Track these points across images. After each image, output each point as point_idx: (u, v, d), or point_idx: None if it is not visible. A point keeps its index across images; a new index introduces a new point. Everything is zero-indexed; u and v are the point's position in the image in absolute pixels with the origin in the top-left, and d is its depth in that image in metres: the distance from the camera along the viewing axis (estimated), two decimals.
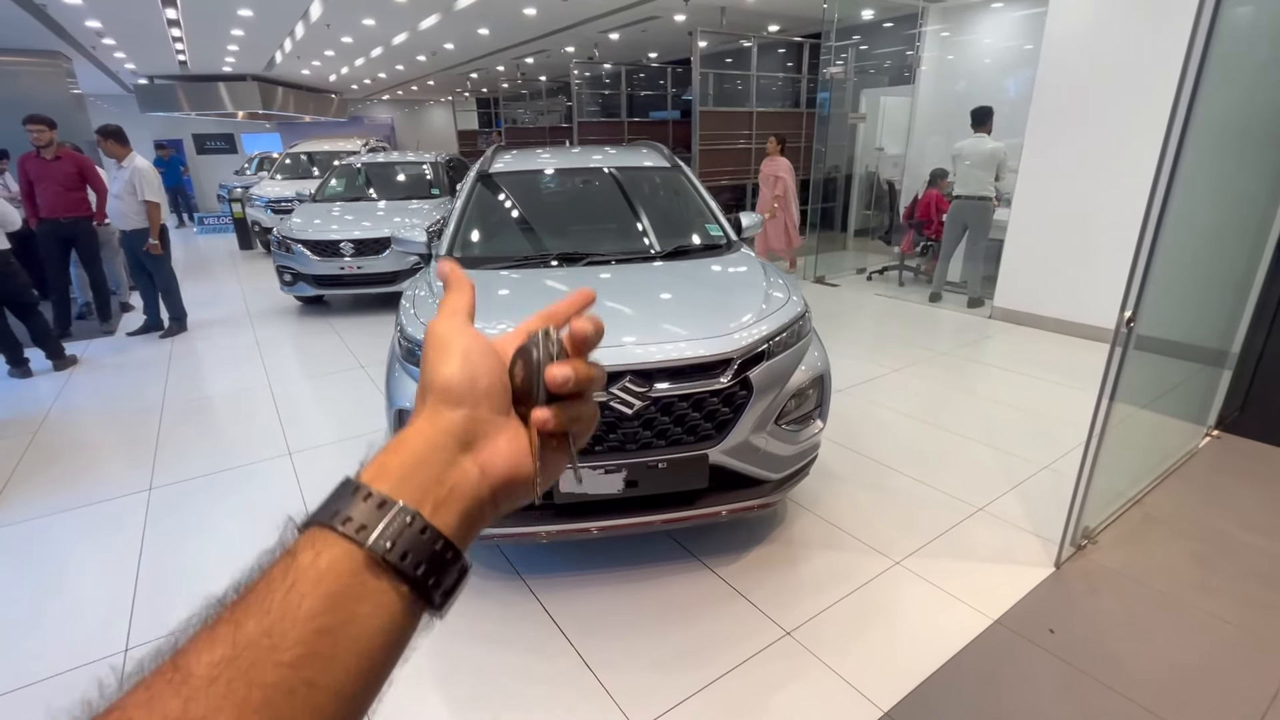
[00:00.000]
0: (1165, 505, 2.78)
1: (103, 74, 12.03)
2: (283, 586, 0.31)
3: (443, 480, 0.37)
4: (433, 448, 0.37)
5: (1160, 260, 2.08)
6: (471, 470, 0.38)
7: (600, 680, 1.94)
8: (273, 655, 0.29)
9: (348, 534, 0.33)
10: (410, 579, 0.33)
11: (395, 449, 0.37)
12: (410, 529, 0.34)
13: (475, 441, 0.39)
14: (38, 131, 5.10)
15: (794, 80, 9.26)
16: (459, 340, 0.41)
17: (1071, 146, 4.89)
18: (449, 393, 0.39)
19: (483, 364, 0.40)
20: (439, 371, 0.40)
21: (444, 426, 0.38)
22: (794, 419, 2.35)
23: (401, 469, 0.36)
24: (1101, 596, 2.25)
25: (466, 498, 0.37)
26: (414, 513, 0.34)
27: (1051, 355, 4.67)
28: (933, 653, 2.01)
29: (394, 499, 0.34)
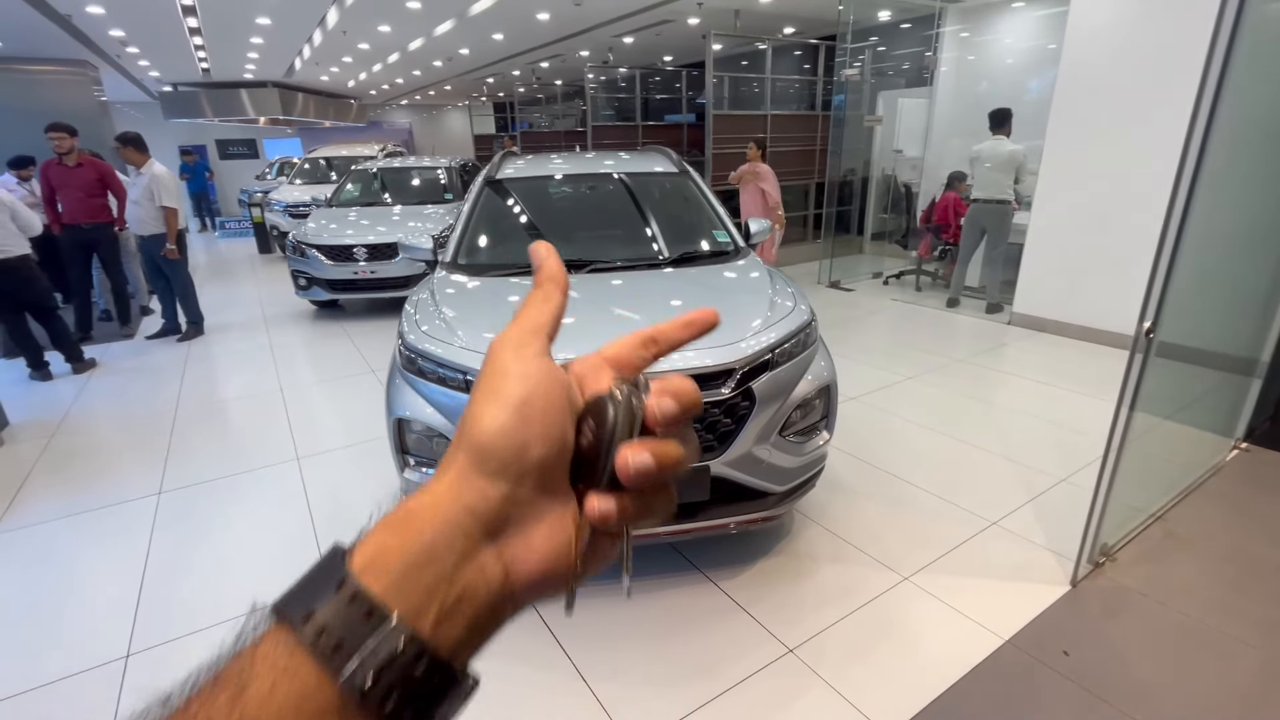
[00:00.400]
0: (1189, 522, 2.67)
1: (128, 82, 12.30)
2: (236, 701, 0.25)
3: (454, 580, 0.28)
4: (449, 532, 0.28)
5: (1183, 266, 2.00)
6: (493, 568, 0.29)
7: (595, 694, 1.90)
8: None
9: (320, 654, 0.25)
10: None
11: (400, 527, 0.28)
12: (401, 659, 0.26)
13: (506, 528, 0.30)
14: (59, 139, 5.20)
15: (809, 83, 9.17)
16: (523, 377, 0.30)
17: (1093, 148, 4.77)
18: (487, 455, 0.29)
19: (544, 421, 0.30)
20: (485, 418, 0.30)
21: (470, 503, 0.29)
22: (799, 430, 2.30)
23: (404, 561, 0.27)
24: (1120, 618, 2.16)
25: (480, 604, 0.29)
26: (409, 633, 0.26)
27: (1072, 363, 4.55)
28: (940, 674, 1.94)
29: (386, 608, 0.26)
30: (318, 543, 2.66)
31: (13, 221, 4.54)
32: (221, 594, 2.37)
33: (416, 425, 2.16)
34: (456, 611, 0.28)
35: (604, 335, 1.18)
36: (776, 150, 8.15)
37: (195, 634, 2.17)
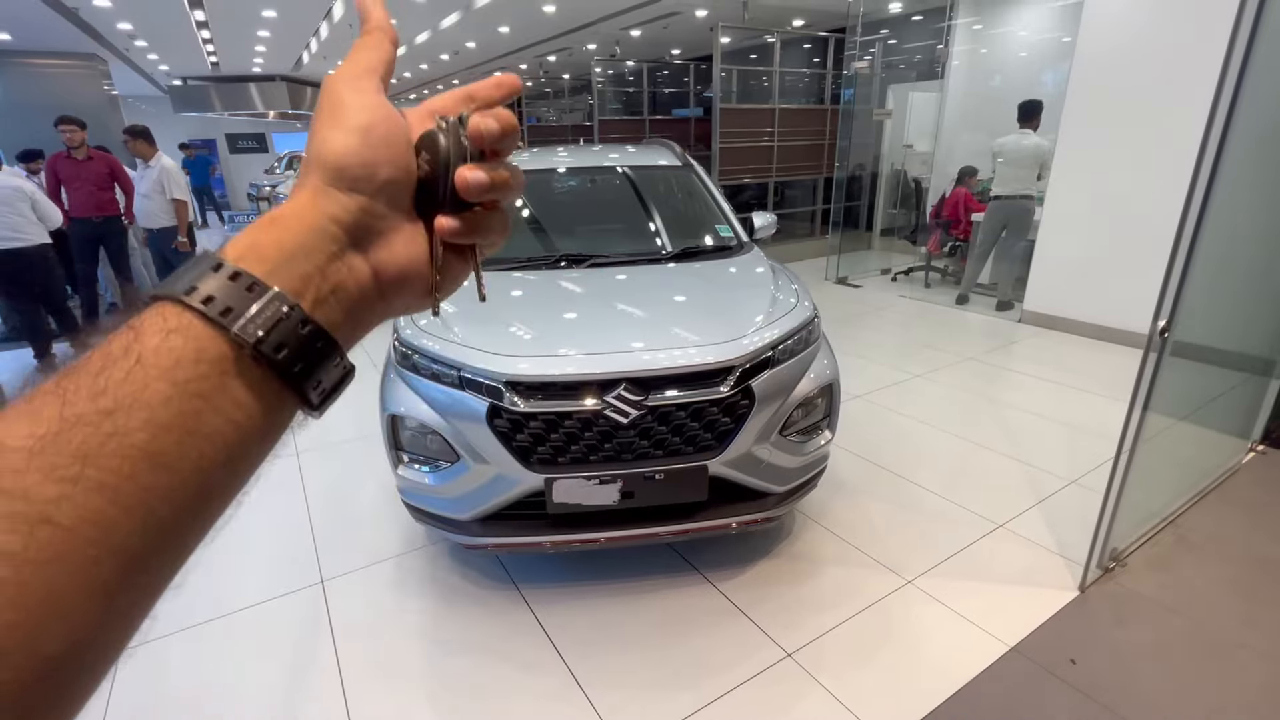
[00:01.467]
0: (1203, 526, 2.60)
1: (138, 75, 12.35)
2: (124, 364, 0.26)
3: (326, 274, 0.32)
4: (317, 235, 0.32)
5: (1200, 263, 1.93)
6: (361, 269, 0.33)
7: (590, 700, 1.87)
8: (113, 438, 0.25)
9: (210, 315, 0.28)
10: (286, 374, 0.29)
11: (268, 226, 0.32)
12: (287, 321, 0.29)
13: (368, 238, 0.34)
14: (70, 132, 5.22)
15: (819, 76, 9.06)
16: (363, 108, 0.34)
17: (1108, 142, 4.66)
18: (342, 173, 0.33)
19: (388, 145, 0.34)
20: (332, 142, 0.33)
21: (332, 212, 0.33)
22: (800, 429, 2.25)
23: (279, 252, 0.31)
24: (1129, 625, 2.10)
25: (353, 297, 0.33)
26: (293, 303, 0.30)
27: (1084, 361, 4.46)
28: (943, 680, 1.89)
29: (268, 284, 0.29)
30: (313, 535, 2.64)
31: (33, 211, 4.61)
32: (215, 586, 2.35)
33: (410, 422, 2.13)
34: (331, 299, 0.32)
35: (606, 330, 1.19)
36: (785, 144, 8.07)
37: (188, 630, 2.15)
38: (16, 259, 4.57)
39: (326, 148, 0.33)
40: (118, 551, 0.25)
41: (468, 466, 2.05)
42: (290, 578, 2.40)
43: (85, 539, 0.24)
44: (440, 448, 2.09)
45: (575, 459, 2.02)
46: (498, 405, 1.97)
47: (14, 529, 0.22)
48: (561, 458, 2.02)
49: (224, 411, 0.28)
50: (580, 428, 1.99)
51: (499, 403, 1.97)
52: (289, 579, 2.39)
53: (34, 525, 0.23)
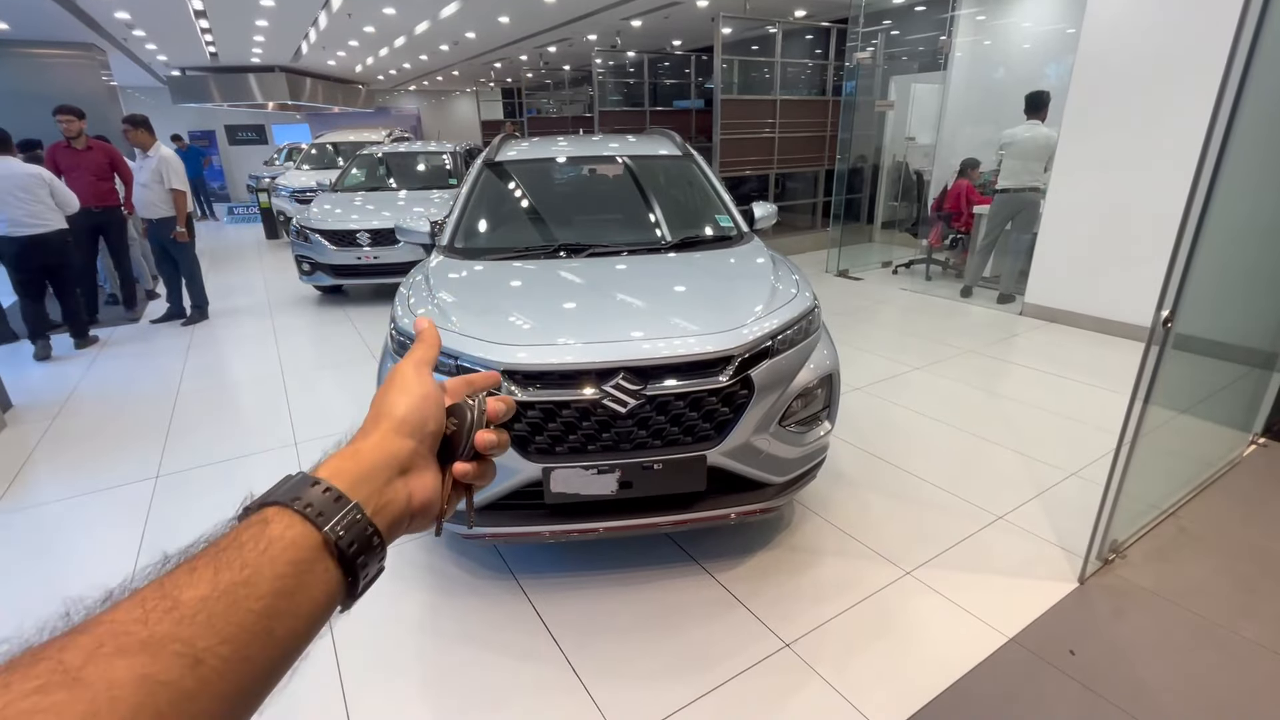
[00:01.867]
0: (1203, 519, 2.59)
1: (137, 66, 12.28)
2: (256, 548, 0.36)
3: (384, 493, 0.44)
4: (383, 465, 0.45)
5: (1204, 255, 1.92)
6: (403, 492, 0.46)
7: (588, 690, 1.87)
8: (245, 602, 0.34)
9: (309, 516, 0.39)
10: (348, 564, 0.40)
11: (352, 457, 0.45)
12: (359, 524, 0.41)
13: (411, 471, 0.47)
14: (67, 122, 5.21)
15: (821, 67, 9.00)
16: (421, 386, 0.50)
17: (1112, 133, 4.63)
18: (404, 425, 0.48)
19: (434, 411, 0.50)
20: (400, 405, 0.48)
21: (395, 451, 0.46)
22: (800, 420, 2.23)
23: (356, 475, 0.43)
24: (1129, 617, 2.10)
25: (397, 512, 0.45)
26: (363, 511, 0.42)
27: (1085, 354, 4.45)
28: (941, 671, 1.89)
29: (348, 496, 0.41)
30: None
31: (51, 198, 4.67)
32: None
33: None
34: (385, 510, 0.44)
35: (604, 319, 1.33)
36: (786, 136, 8.03)
37: None
38: (36, 246, 4.65)
39: (397, 407, 0.48)
40: (235, 692, 0.33)
41: None
42: None
43: (221, 677, 0.32)
44: None
45: (573, 448, 2.01)
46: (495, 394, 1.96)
47: (177, 664, 0.31)
48: (559, 447, 2.01)
49: (310, 590, 0.37)
50: (578, 417, 1.98)
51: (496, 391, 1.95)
52: None
53: (192, 664, 0.31)
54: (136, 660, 0.29)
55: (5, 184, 4.50)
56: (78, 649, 0.29)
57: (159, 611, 0.32)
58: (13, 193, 4.52)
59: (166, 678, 0.30)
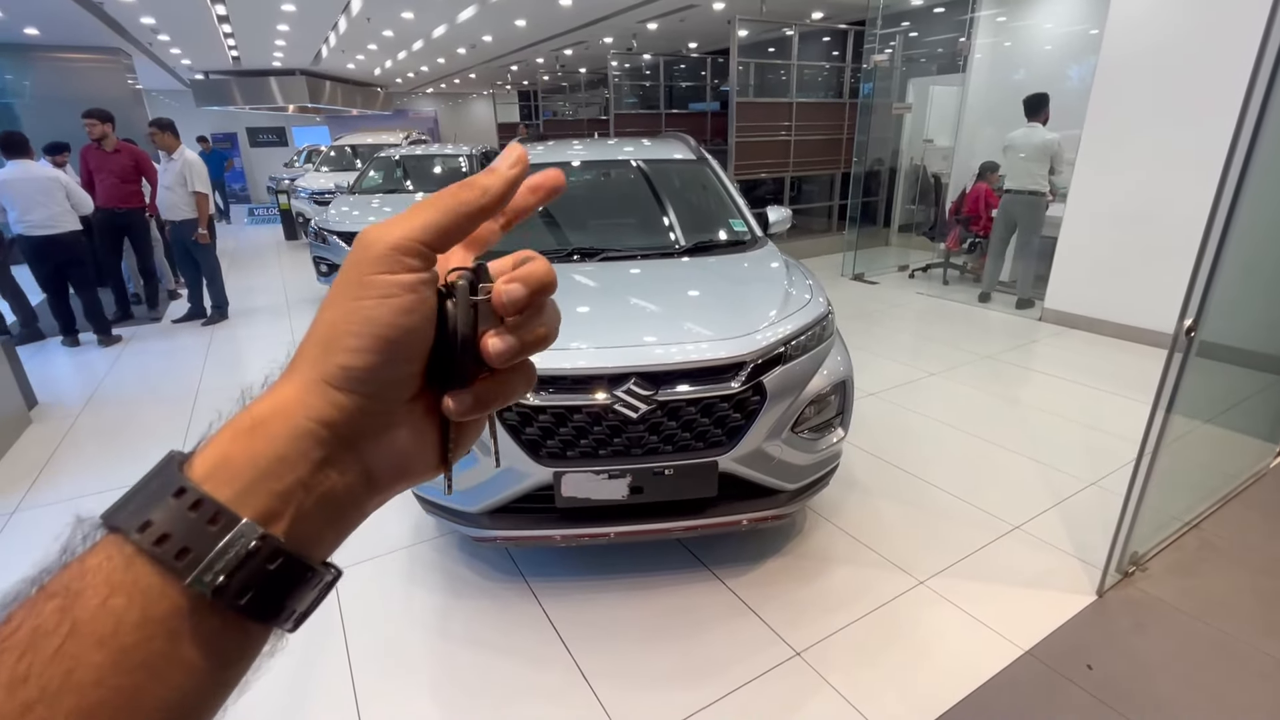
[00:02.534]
0: (1227, 532, 2.53)
1: (161, 69, 12.51)
2: (53, 639, 0.23)
3: (311, 486, 0.27)
4: (302, 442, 0.27)
5: (1229, 261, 1.87)
6: (353, 472, 0.29)
7: (596, 695, 1.86)
8: (66, 695, 0.22)
9: (162, 559, 0.24)
10: (252, 616, 0.26)
11: (247, 436, 0.27)
12: (254, 559, 0.25)
13: (363, 438, 0.29)
14: (90, 125, 5.33)
15: (837, 70, 8.95)
16: (396, 311, 0.28)
17: (1135, 137, 4.55)
18: (348, 376, 0.28)
19: (409, 336, 0.29)
20: (346, 340, 0.28)
21: (322, 413, 0.28)
22: (812, 426, 2.22)
23: (252, 468, 0.26)
24: (1149, 631, 2.06)
25: (339, 505, 0.29)
26: (261, 534, 0.26)
27: (1106, 361, 4.37)
28: (954, 684, 1.86)
29: (235, 513, 0.25)
30: None
31: (67, 199, 4.85)
32: None
33: None
34: (315, 513, 0.28)
35: (617, 324, 1.15)
36: (802, 139, 7.99)
37: None
38: (53, 245, 4.84)
39: (337, 343, 0.28)
40: None
41: (477, 459, 2.05)
42: None
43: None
44: None
45: (584, 453, 2.01)
46: None
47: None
48: (571, 451, 2.01)
49: (169, 679, 0.24)
50: (590, 422, 1.98)
51: None
52: None
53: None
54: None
55: (24, 187, 4.70)
56: None
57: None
58: (31, 195, 4.70)
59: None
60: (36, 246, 4.80)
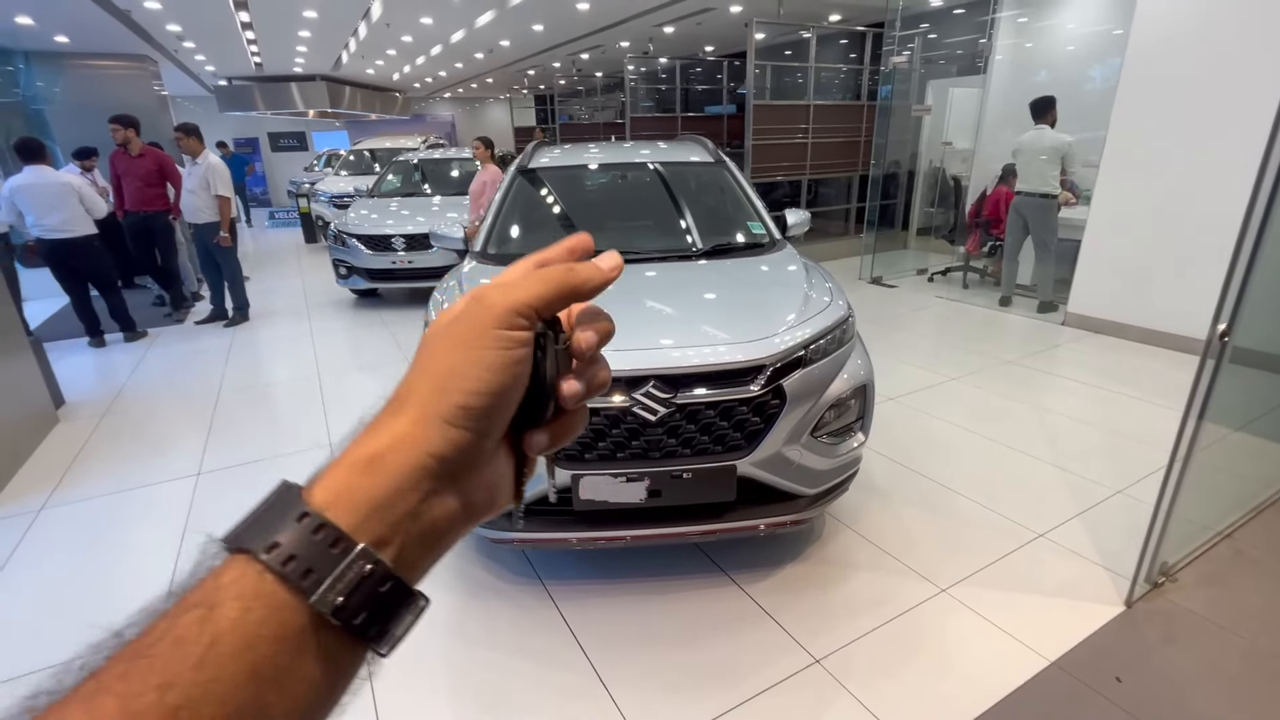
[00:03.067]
0: (1262, 542, 2.46)
1: (186, 76, 12.76)
2: (195, 648, 0.25)
3: (419, 516, 0.30)
4: (415, 476, 0.30)
5: (1264, 264, 1.82)
6: (453, 504, 0.32)
7: (614, 698, 1.85)
8: (205, 709, 0.24)
9: (290, 579, 0.27)
10: (363, 637, 0.29)
11: (368, 469, 0.30)
12: (369, 581, 0.28)
13: (466, 471, 0.32)
14: (114, 130, 5.47)
15: (856, 72, 8.89)
16: (511, 363, 0.32)
17: (1162, 137, 4.46)
18: (464, 413, 0.31)
19: (518, 380, 0.33)
20: (467, 381, 0.31)
21: (436, 448, 0.31)
22: (832, 431, 2.19)
23: (371, 501, 0.29)
24: (1179, 643, 2.00)
25: (441, 533, 0.32)
26: (376, 559, 0.28)
27: (1131, 367, 4.28)
28: (978, 694, 1.83)
29: (353, 539, 0.28)
30: None
31: (81, 204, 4.97)
32: None
33: None
34: (418, 541, 0.31)
35: (635, 326, 1.13)
36: (819, 141, 7.94)
37: None
38: (66, 248, 4.98)
39: (457, 383, 0.31)
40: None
41: None
42: None
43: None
44: None
45: (602, 456, 2.00)
46: None
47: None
48: (589, 454, 2.00)
49: (293, 692, 0.27)
50: (608, 424, 1.97)
51: None
52: None
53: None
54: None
55: (38, 191, 4.84)
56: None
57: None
58: (46, 200, 4.84)
59: None
60: (52, 249, 4.96)
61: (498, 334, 0.32)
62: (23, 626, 2.23)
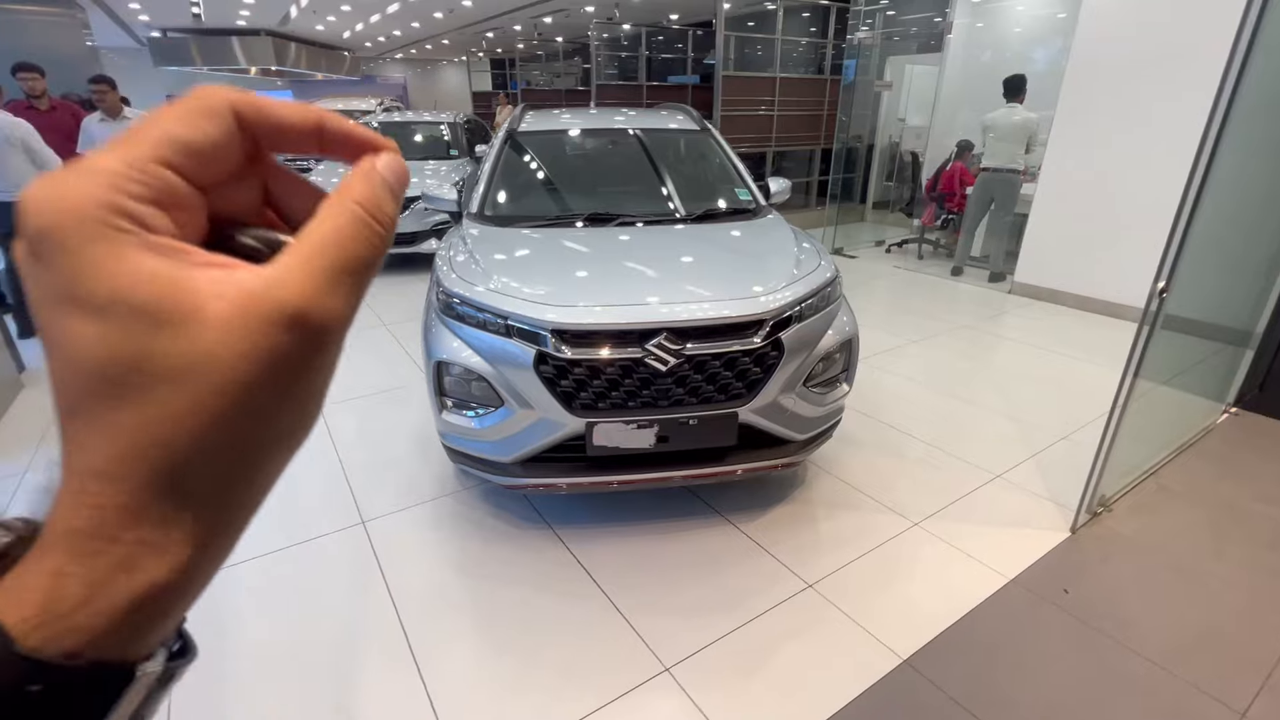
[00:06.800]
0: (1180, 478, 2.82)
1: (116, 26, 11.89)
2: None
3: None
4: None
5: (1193, 237, 2.09)
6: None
7: (630, 623, 2.03)
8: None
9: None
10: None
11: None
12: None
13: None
14: (31, 80, 4.87)
15: (818, 46, 9.06)
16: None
17: (1105, 117, 4.81)
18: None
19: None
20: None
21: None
22: (821, 381, 2.40)
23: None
24: (1115, 561, 2.32)
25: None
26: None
27: (1070, 331, 4.67)
28: (950, 607, 2.09)
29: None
30: (348, 482, 2.74)
31: (29, 162, 4.18)
32: (248, 538, 2.46)
33: (455, 368, 2.23)
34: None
35: (646, 283, 1.33)
36: (784, 114, 8.11)
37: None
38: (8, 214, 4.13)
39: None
40: None
41: (512, 411, 2.17)
42: (332, 520, 2.52)
43: None
44: (485, 393, 2.21)
45: (615, 404, 2.14)
46: (544, 352, 2.09)
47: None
48: (602, 403, 2.14)
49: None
50: (621, 374, 2.11)
51: (545, 349, 2.08)
52: (331, 521, 2.51)
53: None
54: None
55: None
56: None
57: None
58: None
59: None
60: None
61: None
62: None
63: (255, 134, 0.25)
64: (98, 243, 0.20)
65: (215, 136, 0.23)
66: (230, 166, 0.24)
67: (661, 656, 1.91)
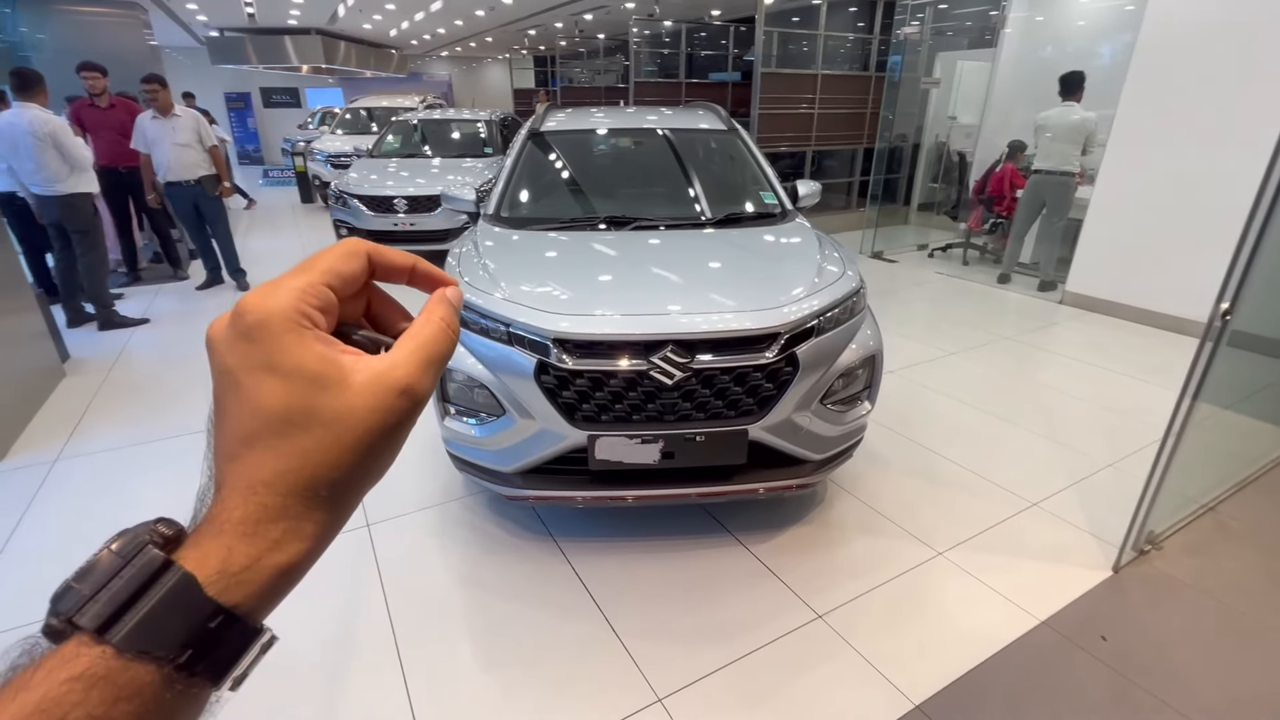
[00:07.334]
0: (1242, 515, 2.57)
1: (176, 25, 12.38)
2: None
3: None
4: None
5: (1267, 249, 1.87)
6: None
7: (626, 647, 1.94)
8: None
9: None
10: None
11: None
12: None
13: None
14: (92, 79, 5.10)
15: (864, 41, 8.75)
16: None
17: (1172, 118, 4.46)
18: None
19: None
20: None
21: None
22: (841, 399, 2.26)
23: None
24: (1162, 606, 2.11)
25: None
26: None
27: (1125, 346, 4.36)
28: (972, 649, 1.93)
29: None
30: None
31: (60, 158, 4.16)
32: None
33: (458, 375, 2.18)
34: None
35: (653, 292, 1.15)
36: (825, 112, 7.87)
37: None
38: (44, 206, 4.31)
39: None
40: None
41: (513, 420, 2.10)
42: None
43: None
44: (486, 401, 2.15)
45: (618, 417, 2.06)
46: (545, 361, 2.01)
47: None
48: (605, 416, 2.06)
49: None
50: (625, 387, 2.02)
51: (546, 359, 2.01)
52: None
53: None
54: None
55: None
56: None
57: None
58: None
59: None
60: (40, 206, 4.38)
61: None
62: (50, 573, 2.29)
63: (374, 269, 0.36)
64: (289, 333, 0.30)
65: (356, 270, 0.35)
66: (358, 288, 0.36)
67: (655, 686, 1.82)
